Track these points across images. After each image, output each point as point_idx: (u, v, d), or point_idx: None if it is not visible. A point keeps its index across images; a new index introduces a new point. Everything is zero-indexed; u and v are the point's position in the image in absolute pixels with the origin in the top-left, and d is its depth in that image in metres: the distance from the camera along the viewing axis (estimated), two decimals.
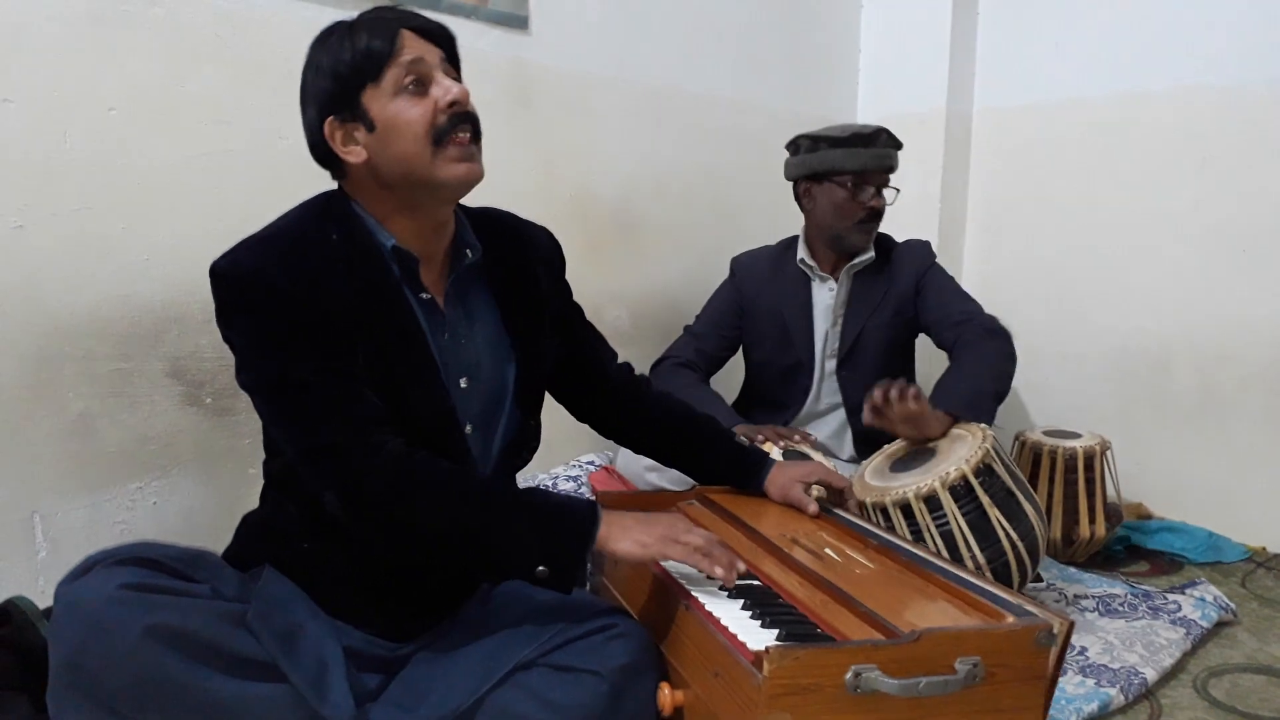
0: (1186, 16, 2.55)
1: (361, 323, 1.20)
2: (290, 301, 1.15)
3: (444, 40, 1.27)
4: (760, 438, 2.05)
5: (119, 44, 1.61)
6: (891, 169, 2.22)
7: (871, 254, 2.25)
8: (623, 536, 1.20)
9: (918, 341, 2.37)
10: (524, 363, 1.37)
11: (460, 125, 1.23)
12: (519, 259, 1.40)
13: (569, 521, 1.20)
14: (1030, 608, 1.10)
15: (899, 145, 2.24)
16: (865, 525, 1.45)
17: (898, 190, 2.25)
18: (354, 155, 1.23)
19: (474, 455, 1.31)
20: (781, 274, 2.33)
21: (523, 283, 1.40)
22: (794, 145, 2.29)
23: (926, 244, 2.34)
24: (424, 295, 1.27)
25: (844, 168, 2.17)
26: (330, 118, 1.22)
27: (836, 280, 2.28)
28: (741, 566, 1.23)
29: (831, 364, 2.29)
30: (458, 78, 1.27)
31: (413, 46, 1.22)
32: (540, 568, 1.16)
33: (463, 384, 1.30)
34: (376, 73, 1.20)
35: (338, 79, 1.21)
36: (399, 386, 1.22)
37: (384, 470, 1.15)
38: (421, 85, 1.21)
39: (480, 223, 1.38)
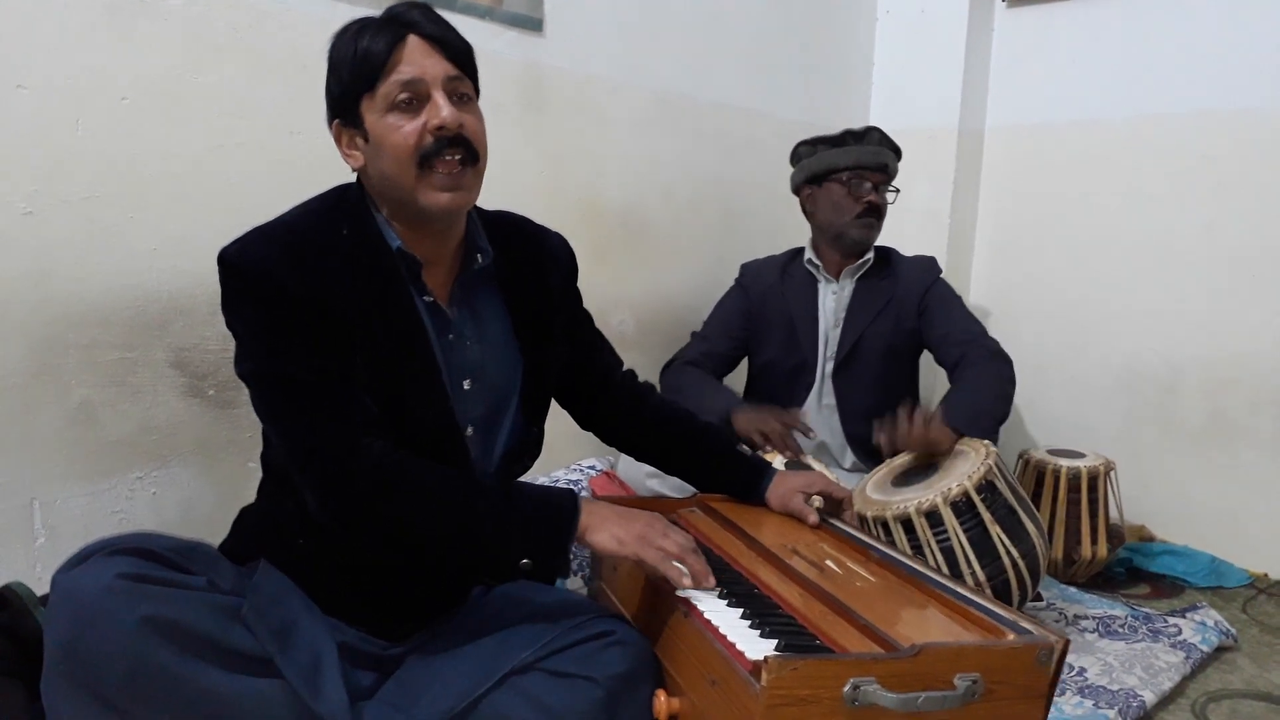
0: (1202, 40, 2.54)
1: (363, 323, 1.19)
2: (293, 298, 1.15)
3: (456, 51, 1.21)
4: (768, 448, 2.04)
5: (134, 33, 1.61)
6: (885, 166, 2.27)
7: (871, 257, 2.31)
8: (601, 529, 1.21)
9: (922, 358, 2.38)
10: (531, 366, 1.37)
11: (448, 150, 1.18)
12: (532, 264, 1.40)
13: (550, 512, 1.21)
14: (1027, 625, 1.09)
15: (895, 148, 2.30)
16: (865, 538, 1.45)
17: (897, 191, 2.31)
18: (353, 160, 1.24)
19: (474, 458, 1.31)
20: (789, 277, 2.38)
21: (534, 288, 1.39)
22: (795, 154, 2.39)
23: (933, 260, 2.37)
24: (427, 298, 1.26)
25: (839, 164, 2.25)
26: (336, 120, 1.23)
27: (840, 282, 2.33)
28: (712, 581, 1.23)
29: (830, 366, 2.31)
30: (470, 92, 1.23)
31: (412, 59, 1.17)
32: (524, 560, 1.18)
33: (465, 386, 1.30)
34: (370, 83, 1.17)
35: (340, 82, 1.20)
36: (398, 387, 1.22)
37: (367, 472, 1.15)
38: (416, 102, 1.18)
39: (495, 226, 1.37)
